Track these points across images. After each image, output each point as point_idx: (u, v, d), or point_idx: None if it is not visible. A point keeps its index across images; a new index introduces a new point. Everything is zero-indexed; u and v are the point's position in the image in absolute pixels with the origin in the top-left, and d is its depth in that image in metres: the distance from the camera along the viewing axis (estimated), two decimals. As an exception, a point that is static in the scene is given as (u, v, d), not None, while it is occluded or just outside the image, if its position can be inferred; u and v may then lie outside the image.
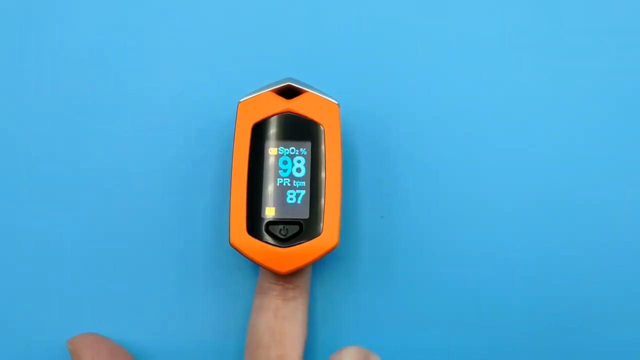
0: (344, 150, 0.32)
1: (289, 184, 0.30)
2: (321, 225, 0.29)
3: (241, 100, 0.30)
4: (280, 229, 0.29)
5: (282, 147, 0.30)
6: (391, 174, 0.33)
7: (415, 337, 0.32)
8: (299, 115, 0.30)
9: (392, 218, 0.33)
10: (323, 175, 0.30)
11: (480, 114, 0.34)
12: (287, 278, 0.30)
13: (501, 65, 0.34)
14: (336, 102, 0.30)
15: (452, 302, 0.33)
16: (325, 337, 0.32)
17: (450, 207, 0.33)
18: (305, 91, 0.31)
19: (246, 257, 0.29)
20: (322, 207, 0.30)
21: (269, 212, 0.29)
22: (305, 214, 0.30)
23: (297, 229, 0.29)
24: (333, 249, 0.29)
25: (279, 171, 0.30)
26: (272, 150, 0.30)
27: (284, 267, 0.29)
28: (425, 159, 0.33)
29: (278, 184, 0.30)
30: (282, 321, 0.29)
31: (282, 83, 0.31)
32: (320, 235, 0.29)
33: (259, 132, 0.30)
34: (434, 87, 0.34)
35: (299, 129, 0.30)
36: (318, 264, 0.33)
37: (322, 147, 0.30)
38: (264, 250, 0.29)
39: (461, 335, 0.32)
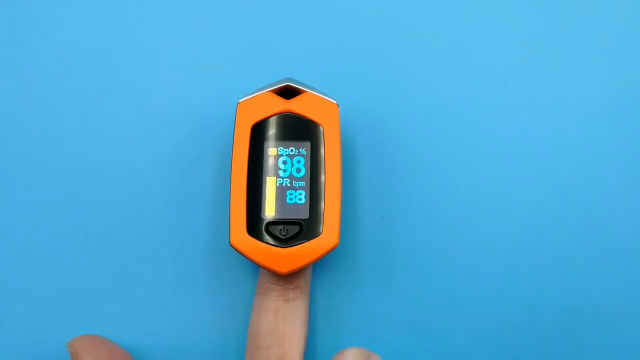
0: (344, 150, 0.32)
1: (288, 184, 0.30)
2: (321, 225, 0.29)
3: (240, 100, 0.30)
4: (280, 229, 0.29)
5: (281, 147, 0.30)
6: (391, 173, 0.33)
7: (416, 337, 0.32)
8: (298, 115, 0.30)
9: (392, 218, 0.33)
10: (323, 175, 0.30)
11: (480, 114, 0.34)
12: (288, 278, 0.30)
13: (502, 65, 0.34)
14: (335, 102, 0.30)
15: (452, 302, 0.33)
16: (326, 337, 0.32)
17: (450, 206, 0.33)
18: (304, 91, 0.30)
19: (246, 258, 0.29)
20: (322, 207, 0.29)
21: (269, 213, 0.29)
22: (305, 214, 0.29)
23: (297, 229, 0.29)
24: (333, 248, 0.29)
25: (279, 171, 0.30)
26: (272, 151, 0.30)
27: (284, 268, 0.29)
28: (425, 158, 0.33)
29: (278, 184, 0.30)
30: (282, 322, 0.29)
31: (281, 83, 0.31)
32: (321, 235, 0.29)
33: (258, 132, 0.30)
34: (434, 87, 0.34)
35: (299, 129, 0.30)
36: (318, 264, 0.33)
37: (322, 147, 0.30)
38: (264, 251, 0.29)
39: (461, 335, 0.32)
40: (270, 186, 0.30)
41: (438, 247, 0.33)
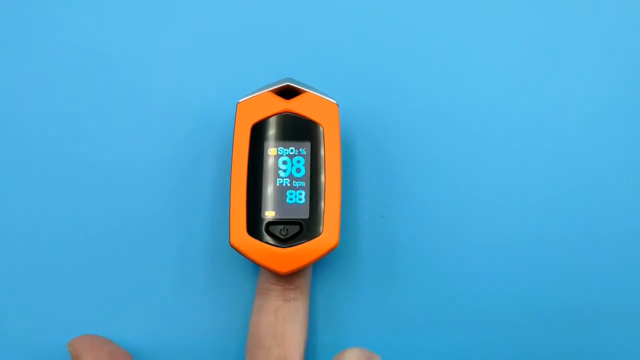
0: (344, 150, 0.32)
1: (288, 184, 0.30)
2: (321, 225, 0.29)
3: (240, 100, 0.30)
4: (281, 229, 0.29)
5: (281, 147, 0.30)
6: (391, 173, 0.33)
7: (417, 337, 0.32)
8: (298, 115, 0.30)
9: (392, 218, 0.33)
10: (323, 175, 0.30)
11: (480, 113, 0.34)
12: (288, 278, 0.30)
13: (502, 65, 0.34)
14: (335, 102, 0.30)
15: (453, 301, 0.33)
16: (327, 337, 0.32)
17: (450, 206, 0.33)
18: (304, 91, 0.30)
19: (246, 258, 0.29)
20: (323, 207, 0.29)
21: (269, 213, 0.29)
22: (305, 214, 0.29)
23: (298, 229, 0.29)
24: (333, 249, 0.29)
25: (279, 171, 0.30)
26: (272, 151, 0.30)
27: (285, 268, 0.29)
28: (425, 158, 0.33)
29: (278, 184, 0.30)
30: (282, 322, 0.29)
31: (281, 83, 0.31)
32: (321, 235, 0.29)
33: (258, 132, 0.30)
34: (434, 87, 0.34)
35: (298, 129, 0.30)
36: (318, 265, 0.33)
37: (322, 147, 0.30)
38: (264, 251, 0.29)
39: (462, 335, 0.32)
40: (270, 186, 0.30)
41: (438, 247, 0.33)
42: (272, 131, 0.30)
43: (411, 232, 0.33)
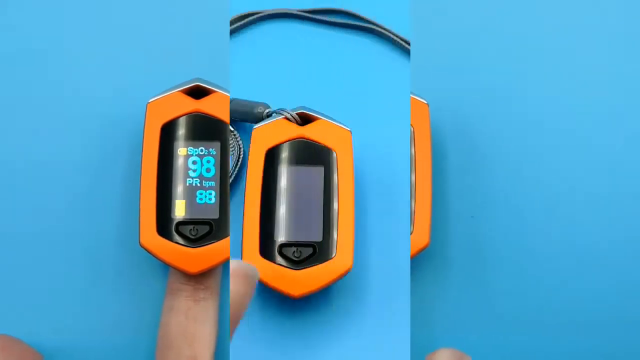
0: (434, 150, 0.32)
1: (198, 184, 0.30)
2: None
3: (150, 100, 0.30)
4: (190, 229, 0.29)
5: (191, 147, 0.30)
6: (482, 174, 0.34)
7: (508, 338, 0.32)
8: (208, 115, 0.30)
9: (482, 218, 0.33)
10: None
11: (574, 114, 0.34)
12: (198, 279, 0.30)
13: (591, 65, 0.35)
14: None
15: (545, 302, 0.32)
16: (419, 336, 0.32)
17: (542, 207, 0.33)
18: (214, 91, 0.30)
19: (156, 258, 0.29)
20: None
21: (179, 213, 0.29)
22: (215, 214, 0.29)
23: (207, 229, 0.29)
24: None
25: (189, 171, 0.30)
26: (182, 151, 0.30)
27: (194, 267, 0.29)
28: (517, 158, 0.34)
29: (187, 184, 0.30)
30: (193, 322, 0.29)
31: (190, 83, 0.31)
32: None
33: (168, 132, 0.30)
34: (523, 87, 0.34)
35: (208, 129, 0.30)
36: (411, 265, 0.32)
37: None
38: (173, 251, 0.29)
39: (553, 336, 0.32)
40: (180, 186, 0.30)
41: (530, 247, 0.33)
42: (181, 131, 0.30)
43: (502, 231, 0.33)
